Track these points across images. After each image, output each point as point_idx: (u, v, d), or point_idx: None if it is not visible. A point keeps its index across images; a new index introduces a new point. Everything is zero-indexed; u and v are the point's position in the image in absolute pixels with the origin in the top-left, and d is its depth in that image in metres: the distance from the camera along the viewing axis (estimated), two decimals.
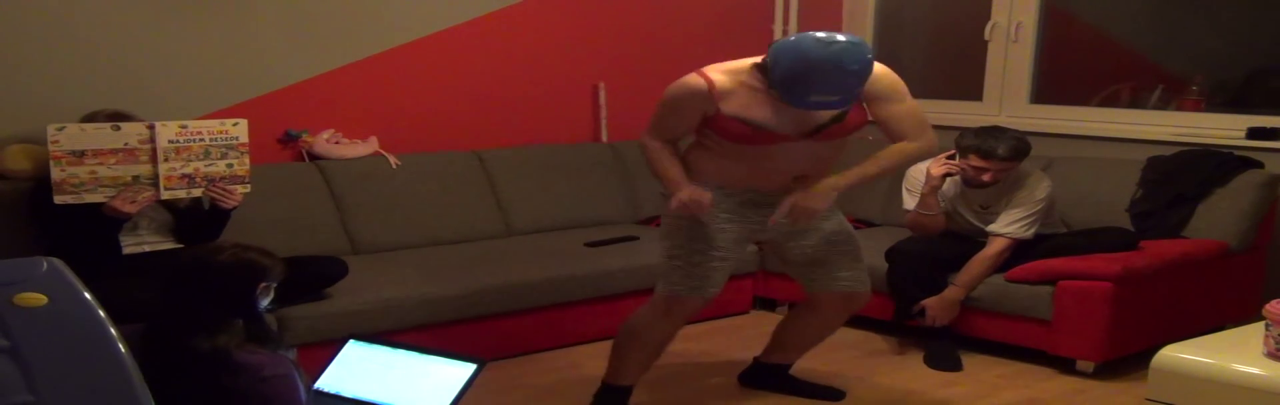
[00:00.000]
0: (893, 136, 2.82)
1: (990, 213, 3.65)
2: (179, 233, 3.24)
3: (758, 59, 2.69)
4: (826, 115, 2.71)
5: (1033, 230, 3.57)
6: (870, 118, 2.83)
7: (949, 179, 3.63)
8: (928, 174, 3.60)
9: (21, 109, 3.38)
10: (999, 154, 3.48)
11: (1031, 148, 3.56)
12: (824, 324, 3.16)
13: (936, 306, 3.56)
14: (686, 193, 2.74)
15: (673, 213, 2.81)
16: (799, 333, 3.21)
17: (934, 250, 3.63)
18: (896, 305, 3.66)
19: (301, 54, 3.92)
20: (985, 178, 3.53)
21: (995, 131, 3.55)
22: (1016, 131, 3.56)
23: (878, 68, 2.68)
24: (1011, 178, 3.59)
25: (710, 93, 2.67)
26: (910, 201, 3.73)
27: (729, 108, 2.67)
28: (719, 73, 2.70)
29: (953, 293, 3.56)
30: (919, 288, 3.59)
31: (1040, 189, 3.58)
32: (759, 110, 2.67)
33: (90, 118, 3.05)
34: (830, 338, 3.86)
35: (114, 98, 3.41)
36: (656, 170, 2.86)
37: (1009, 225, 3.57)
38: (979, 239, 3.65)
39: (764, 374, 3.31)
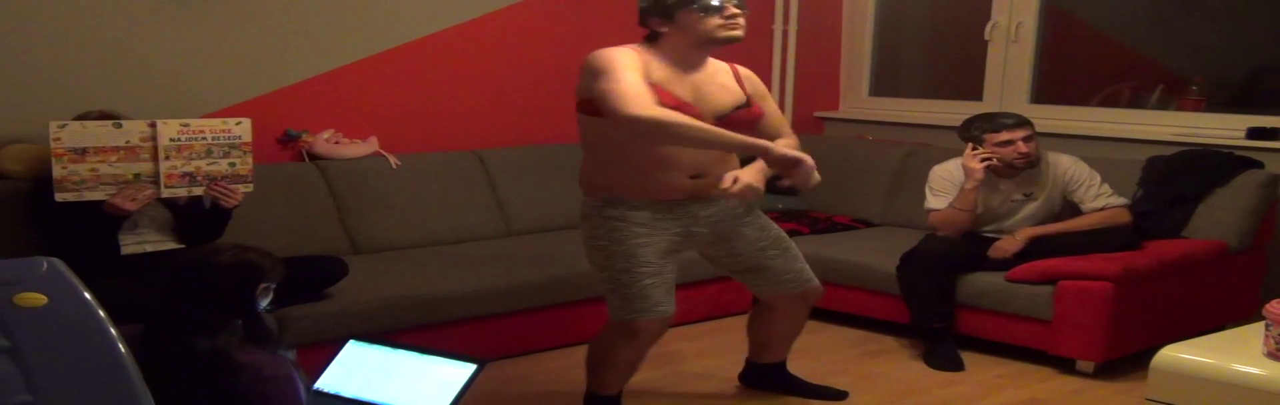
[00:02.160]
0: (770, 134, 2.80)
1: (1032, 198, 3.68)
2: (180, 232, 3.24)
3: (635, 45, 2.66)
4: (732, 100, 2.71)
5: (1120, 197, 3.66)
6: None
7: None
8: (967, 169, 3.60)
9: (21, 109, 3.38)
10: (1008, 123, 3.59)
11: None
12: (789, 321, 3.12)
13: (1004, 240, 3.59)
14: (799, 154, 2.51)
15: (800, 175, 2.52)
16: (770, 331, 3.17)
17: (955, 250, 3.62)
18: (914, 309, 3.64)
19: (301, 54, 3.92)
20: (1022, 150, 3.58)
21: (983, 114, 3.69)
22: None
23: (745, 69, 2.80)
24: (1040, 165, 3.67)
25: (639, 57, 2.57)
26: (935, 201, 3.72)
27: (655, 77, 2.59)
28: (631, 46, 2.63)
29: (1022, 233, 3.60)
30: (936, 291, 3.58)
31: (1068, 160, 3.70)
32: (676, 86, 2.63)
33: (81, 118, 3.05)
34: (830, 337, 3.88)
35: (114, 97, 3.42)
36: (714, 136, 2.47)
37: (1098, 198, 3.64)
38: (997, 237, 3.66)
39: (762, 374, 3.30)
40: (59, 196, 2.92)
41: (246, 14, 3.78)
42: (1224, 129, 4.05)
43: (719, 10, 2.60)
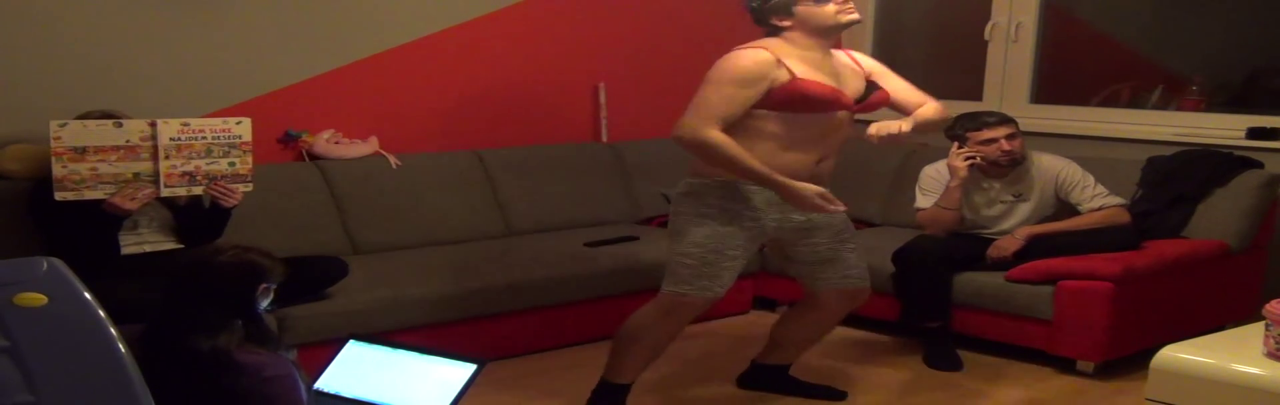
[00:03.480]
0: (908, 106, 2.92)
1: (1023, 199, 3.67)
2: (180, 232, 3.24)
3: (766, 39, 2.77)
4: (862, 83, 2.83)
5: (1116, 197, 3.66)
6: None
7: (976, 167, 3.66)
8: (951, 167, 3.61)
9: (21, 109, 3.38)
10: (991, 121, 3.61)
11: None
12: (825, 321, 3.15)
13: (1004, 239, 3.61)
14: (814, 188, 2.67)
15: (808, 209, 2.71)
16: (799, 331, 3.19)
17: (945, 250, 3.62)
18: (903, 307, 3.65)
19: (301, 54, 3.92)
20: (1005, 148, 3.59)
21: (968, 113, 3.71)
22: None
23: (855, 51, 2.96)
24: (1026, 165, 3.65)
25: (776, 59, 2.68)
26: (923, 200, 3.74)
27: (801, 71, 2.70)
28: (764, 44, 2.73)
29: (1022, 231, 3.60)
30: (927, 289, 3.58)
31: (1057, 161, 3.70)
32: (817, 73, 2.73)
33: (83, 118, 3.05)
34: (830, 337, 3.87)
35: (114, 98, 3.42)
36: (741, 167, 2.65)
37: (1094, 199, 3.64)
38: (994, 237, 3.66)
39: (763, 375, 3.30)
40: (59, 195, 2.92)
41: (246, 14, 3.78)
42: (1224, 129, 4.04)
43: None
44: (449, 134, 4.28)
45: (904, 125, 2.73)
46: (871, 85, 2.86)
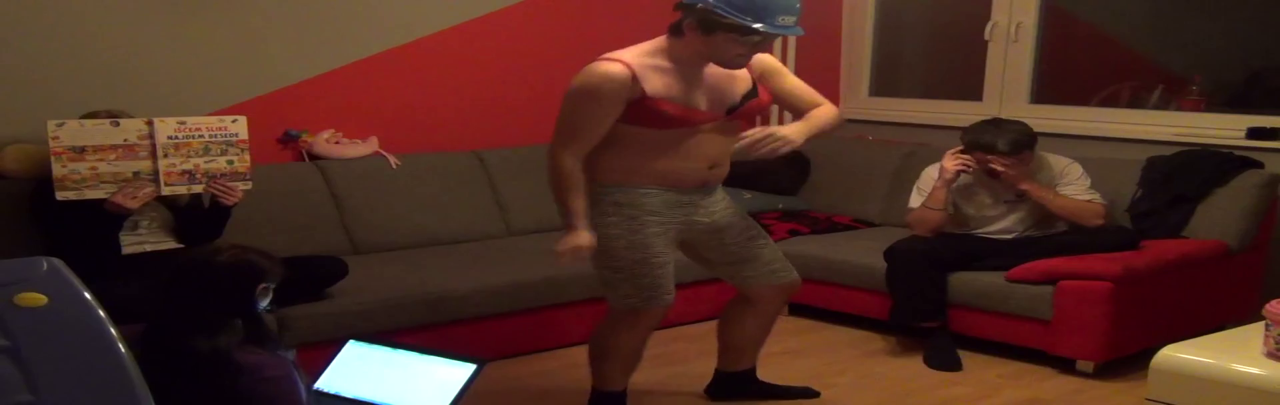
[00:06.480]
0: (802, 106, 2.80)
1: (1024, 199, 3.66)
2: (180, 231, 3.24)
3: (652, 41, 2.65)
4: (740, 92, 2.72)
5: (1103, 199, 3.64)
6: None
7: (968, 175, 3.64)
8: (941, 169, 3.61)
9: (21, 109, 3.39)
10: (999, 149, 3.53)
11: (1036, 136, 3.61)
12: (764, 316, 3.08)
13: (1009, 175, 3.58)
14: (581, 240, 2.65)
15: (560, 254, 2.67)
16: (744, 331, 3.12)
17: (935, 249, 3.63)
18: (894, 306, 3.65)
19: (301, 54, 3.92)
20: (999, 170, 3.56)
21: (994, 125, 3.61)
22: (1017, 122, 3.62)
23: None
24: (1032, 165, 3.64)
25: (632, 75, 2.55)
26: (916, 200, 3.73)
27: (654, 89, 2.58)
28: (627, 56, 2.60)
29: (1021, 183, 3.59)
30: (918, 288, 3.58)
31: (1063, 162, 3.68)
32: (679, 89, 2.62)
33: (90, 117, 3.06)
34: (829, 337, 3.89)
35: (114, 97, 3.42)
36: (563, 198, 2.65)
37: (1082, 194, 3.62)
38: (993, 237, 3.65)
39: (734, 383, 3.23)
40: (60, 195, 2.92)
41: (246, 14, 3.78)
42: (1224, 129, 4.04)
43: (754, 45, 2.58)
44: (449, 134, 4.28)
45: (786, 147, 2.59)
46: (749, 94, 2.74)
